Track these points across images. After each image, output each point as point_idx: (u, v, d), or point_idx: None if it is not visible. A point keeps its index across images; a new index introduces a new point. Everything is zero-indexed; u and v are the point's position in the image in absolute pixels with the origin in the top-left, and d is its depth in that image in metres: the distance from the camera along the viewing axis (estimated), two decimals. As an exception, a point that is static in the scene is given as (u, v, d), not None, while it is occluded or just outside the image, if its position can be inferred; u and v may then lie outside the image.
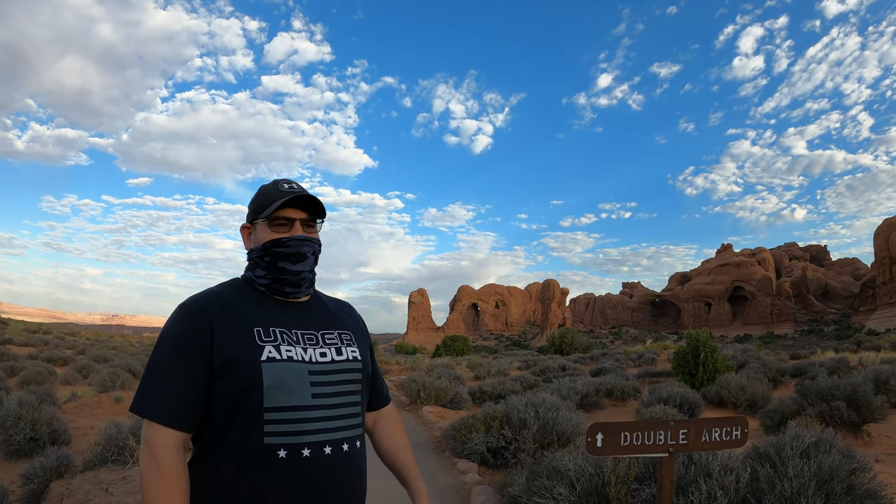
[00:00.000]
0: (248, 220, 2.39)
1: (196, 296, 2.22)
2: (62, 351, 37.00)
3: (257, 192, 2.40)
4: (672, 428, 3.92)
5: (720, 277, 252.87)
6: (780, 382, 22.11)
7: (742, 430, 4.11)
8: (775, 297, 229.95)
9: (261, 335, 2.13)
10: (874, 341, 48.34)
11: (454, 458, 9.76)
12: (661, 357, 39.69)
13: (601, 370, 28.23)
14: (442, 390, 17.73)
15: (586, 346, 61.43)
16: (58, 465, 8.56)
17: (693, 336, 21.05)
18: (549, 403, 10.07)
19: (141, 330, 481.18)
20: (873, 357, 26.04)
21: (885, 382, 14.71)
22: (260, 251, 2.30)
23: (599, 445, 3.76)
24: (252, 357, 2.06)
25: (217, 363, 2.05)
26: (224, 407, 2.06)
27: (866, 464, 6.25)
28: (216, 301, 2.18)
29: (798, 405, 13.15)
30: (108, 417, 13.93)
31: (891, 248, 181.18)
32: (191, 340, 2.07)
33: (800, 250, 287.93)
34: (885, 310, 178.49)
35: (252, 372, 2.04)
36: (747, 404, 16.16)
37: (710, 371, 19.83)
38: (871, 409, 12.13)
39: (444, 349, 70.85)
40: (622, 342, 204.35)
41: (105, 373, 19.60)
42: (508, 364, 39.06)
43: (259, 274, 2.31)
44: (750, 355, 32.90)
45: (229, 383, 2.04)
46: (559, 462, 6.32)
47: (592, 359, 42.28)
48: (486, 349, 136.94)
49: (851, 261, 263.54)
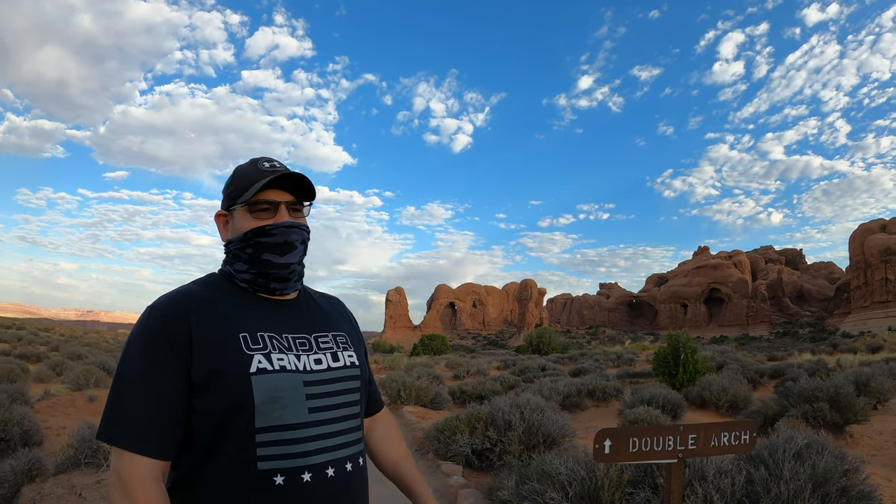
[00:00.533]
0: (224, 207, 2.02)
1: (167, 296, 1.86)
2: (35, 347, 36.54)
3: (233, 174, 2.03)
4: (681, 433, 3.78)
5: (697, 279, 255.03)
6: (759, 384, 22.22)
7: (751, 435, 4.00)
8: (751, 300, 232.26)
9: (247, 342, 1.80)
10: (850, 344, 48.96)
11: (438, 459, 9.59)
12: (640, 358, 39.91)
13: (581, 370, 28.22)
14: (422, 390, 17.56)
15: (564, 347, 61.87)
16: (29, 469, 8.23)
17: (673, 337, 21.09)
18: (535, 405, 9.93)
19: (116, 326, 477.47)
20: (852, 359, 26.21)
21: (866, 384, 14.75)
22: (240, 242, 1.94)
23: (607, 452, 3.60)
24: (239, 369, 1.74)
25: (197, 377, 1.72)
26: (207, 428, 1.74)
27: (858, 465, 6.22)
28: (192, 301, 1.83)
29: (781, 406, 13.19)
30: (81, 417, 13.63)
31: (866, 253, 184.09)
32: (165, 349, 1.73)
33: (776, 253, 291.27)
34: (859, 313, 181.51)
35: (240, 386, 1.72)
36: (729, 405, 16.18)
37: (690, 372, 19.86)
38: (854, 410, 12.18)
39: (422, 348, 70.81)
40: (599, 342, 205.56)
41: (79, 370, 19.11)
42: (487, 364, 39.12)
43: (240, 268, 1.95)
44: (728, 356, 33.05)
45: (212, 400, 1.72)
46: (549, 465, 6.18)
47: (571, 359, 42.40)
48: (464, 348, 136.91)
49: (826, 264, 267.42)
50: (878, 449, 11.35)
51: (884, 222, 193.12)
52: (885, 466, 9.64)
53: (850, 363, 24.29)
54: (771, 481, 5.65)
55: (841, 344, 50.83)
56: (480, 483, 8.37)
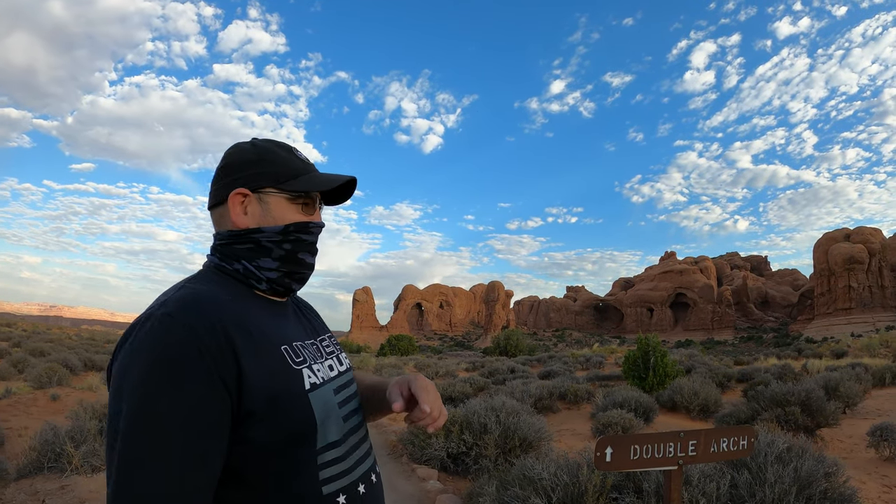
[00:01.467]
0: (251, 186, 1.64)
1: (183, 301, 1.43)
2: (-4, 343, 35.71)
3: (257, 151, 1.68)
4: (682, 440, 3.71)
5: (663, 284, 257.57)
6: (728, 387, 22.49)
7: (749, 440, 3.96)
8: (716, 305, 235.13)
9: (291, 355, 1.55)
10: (814, 349, 49.61)
11: (413, 463, 9.45)
12: (608, 361, 40.05)
13: (550, 373, 28.29)
14: (393, 392, 17.35)
15: (531, 349, 62.12)
16: (-10, 473, 8.02)
17: (643, 341, 21.16)
18: (510, 408, 9.85)
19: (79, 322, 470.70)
20: (819, 364, 26.50)
21: (835, 389, 14.90)
22: (279, 234, 1.64)
23: (609, 460, 3.52)
24: (295, 388, 1.50)
25: (251, 404, 1.41)
26: (265, 461, 1.45)
27: (838, 468, 6.23)
28: (221, 309, 1.46)
29: (752, 410, 13.29)
30: (43, 417, 13.35)
31: (830, 261, 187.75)
32: (205, 377, 1.34)
33: (741, 260, 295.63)
34: (822, 319, 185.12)
35: (301, 408, 1.49)
36: (700, 409, 16.27)
37: (660, 375, 19.93)
38: (825, 414, 12.33)
39: (389, 348, 70.55)
40: (565, 345, 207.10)
41: (41, 368, 18.74)
42: (456, 365, 39.02)
43: (268, 265, 1.64)
44: (696, 360, 33.38)
45: (272, 429, 1.44)
46: (531, 470, 6.09)
47: (539, 361, 42.46)
48: (431, 349, 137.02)
49: (791, 271, 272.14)
50: (850, 452, 11.45)
51: (848, 232, 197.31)
52: (857, 469, 9.69)
53: (818, 368, 24.58)
54: (755, 485, 5.63)
55: (805, 349, 51.44)
56: (457, 488, 8.25)
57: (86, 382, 19.12)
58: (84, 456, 8.70)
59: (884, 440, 10.50)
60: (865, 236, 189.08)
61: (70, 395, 16.87)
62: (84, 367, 24.27)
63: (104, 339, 48.52)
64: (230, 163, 1.66)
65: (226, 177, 1.65)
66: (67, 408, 13.71)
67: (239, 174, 1.64)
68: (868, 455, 10.87)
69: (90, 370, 24.52)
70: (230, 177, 1.65)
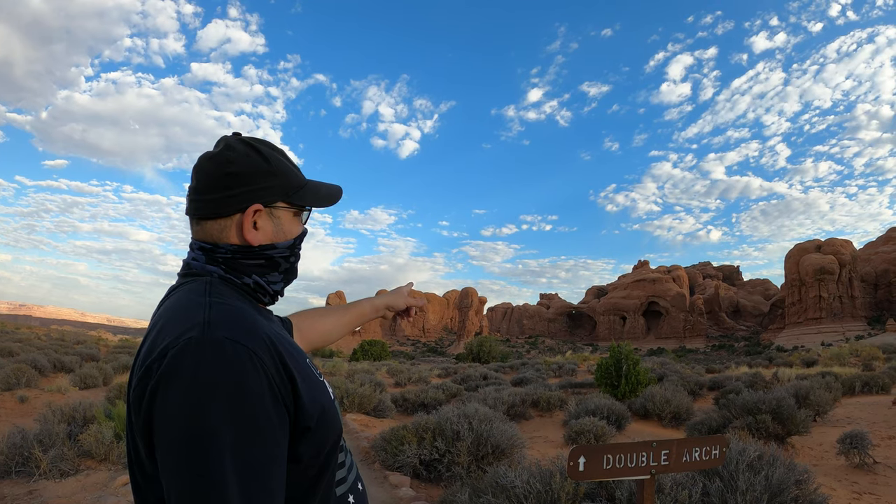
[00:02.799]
0: (264, 201, 1.55)
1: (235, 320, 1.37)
2: (-38, 344, 35.11)
3: (266, 158, 1.56)
4: (654, 449, 3.73)
5: (636, 292, 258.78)
6: (700, 395, 22.63)
7: (721, 450, 3.98)
8: (688, 313, 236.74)
9: (313, 367, 1.53)
10: (785, 358, 50.01)
11: (385, 470, 9.39)
12: (581, 368, 40.16)
13: (523, 380, 28.27)
14: (366, 397, 17.33)
15: (504, 355, 62.06)
16: (-46, 477, 7.86)
17: (616, 349, 21.25)
18: (482, 415, 9.83)
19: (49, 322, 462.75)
20: (789, 373, 26.72)
21: (805, 397, 15.03)
22: (290, 249, 1.63)
23: (582, 470, 3.53)
24: (329, 399, 1.50)
25: (307, 421, 1.37)
26: (304, 473, 1.42)
27: (808, 475, 6.29)
28: (263, 327, 1.41)
29: (724, 418, 13.39)
30: (11, 420, 13.18)
31: (801, 272, 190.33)
32: (277, 410, 1.30)
33: (713, 269, 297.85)
34: (793, 328, 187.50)
35: (335, 418, 1.49)
36: (672, 416, 16.36)
37: (632, 383, 20.01)
38: (796, 422, 12.44)
39: (362, 354, 70.19)
40: (538, 352, 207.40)
41: (9, 368, 18.36)
42: (428, 371, 39.01)
43: (275, 279, 1.62)
44: (668, 368, 33.53)
45: (318, 443, 1.42)
46: (504, 478, 6.08)
47: (512, 368, 42.48)
48: (404, 355, 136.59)
49: (762, 281, 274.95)
50: (820, 459, 11.57)
51: (819, 243, 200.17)
52: (827, 476, 9.81)
53: (788, 376, 24.77)
54: (727, 493, 5.65)
55: (776, 358, 51.85)
56: (430, 495, 8.22)
57: (55, 384, 18.87)
58: (52, 460, 8.59)
59: (853, 448, 10.62)
60: (836, 248, 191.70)
61: (38, 397, 16.65)
62: (53, 368, 23.84)
63: (74, 339, 47.77)
64: (239, 172, 1.51)
65: (235, 187, 1.51)
66: (36, 410, 13.53)
67: (251, 186, 1.53)
68: (838, 462, 10.98)
69: (59, 371, 24.11)
70: (241, 188, 1.52)
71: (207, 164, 1.52)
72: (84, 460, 9.28)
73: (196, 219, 1.56)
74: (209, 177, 1.51)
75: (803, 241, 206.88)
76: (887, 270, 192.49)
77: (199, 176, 1.53)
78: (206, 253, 1.55)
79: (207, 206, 1.52)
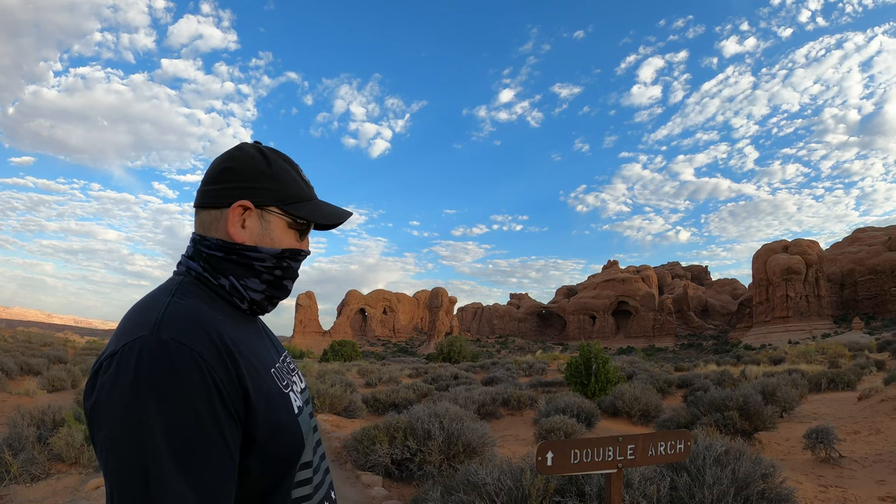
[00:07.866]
0: (255, 200, 1.54)
1: (187, 321, 1.33)
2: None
3: (270, 163, 1.58)
4: (620, 444, 3.80)
5: (606, 292, 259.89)
6: (668, 393, 22.85)
7: (685, 444, 4.07)
8: (657, 313, 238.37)
9: (278, 378, 1.50)
10: (752, 356, 50.63)
11: (357, 470, 9.39)
12: (551, 367, 40.35)
13: (493, 379, 28.37)
14: (337, 398, 17.29)
15: (474, 355, 62.23)
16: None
17: (585, 348, 21.39)
18: (453, 414, 9.86)
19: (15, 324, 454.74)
20: (757, 370, 27.08)
21: (772, 394, 15.24)
22: (275, 258, 1.57)
23: (550, 464, 3.60)
24: (289, 413, 1.46)
25: (255, 432, 1.34)
26: (251, 487, 1.38)
27: (775, 469, 6.40)
28: (223, 332, 1.37)
29: (692, 415, 13.53)
30: (-24, 425, 12.96)
31: (768, 272, 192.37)
32: (227, 418, 1.28)
33: (682, 269, 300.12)
34: (760, 327, 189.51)
35: (293, 433, 1.44)
36: (641, 414, 16.52)
37: (602, 382, 20.18)
38: (763, 418, 12.61)
39: (332, 354, 69.84)
40: (509, 351, 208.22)
41: (-26, 373, 18.22)
42: (399, 371, 38.93)
43: (255, 286, 1.55)
44: (637, 367, 33.81)
45: (269, 457, 1.38)
46: (475, 475, 6.11)
47: (483, 367, 42.63)
48: (374, 355, 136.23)
49: (730, 281, 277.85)
50: (787, 454, 11.76)
51: (786, 243, 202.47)
52: (794, 470, 9.97)
53: (756, 374, 25.11)
54: (695, 487, 5.74)
55: (744, 356, 52.51)
56: (402, 494, 8.25)
57: (22, 387, 18.61)
58: (23, 464, 8.50)
59: (820, 442, 10.82)
60: (803, 248, 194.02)
61: (6, 400, 16.43)
62: (20, 371, 23.48)
63: (41, 341, 47.00)
64: (237, 168, 1.54)
65: (229, 181, 1.53)
66: (4, 414, 13.37)
67: (245, 183, 1.53)
68: (805, 457, 11.18)
69: (27, 374, 23.77)
70: (235, 183, 1.53)
71: (215, 159, 1.58)
72: (55, 464, 9.19)
73: (195, 207, 1.58)
74: (212, 168, 1.56)
75: (771, 242, 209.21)
76: (853, 270, 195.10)
77: (207, 169, 1.58)
78: (195, 244, 1.55)
79: (205, 195, 1.54)
